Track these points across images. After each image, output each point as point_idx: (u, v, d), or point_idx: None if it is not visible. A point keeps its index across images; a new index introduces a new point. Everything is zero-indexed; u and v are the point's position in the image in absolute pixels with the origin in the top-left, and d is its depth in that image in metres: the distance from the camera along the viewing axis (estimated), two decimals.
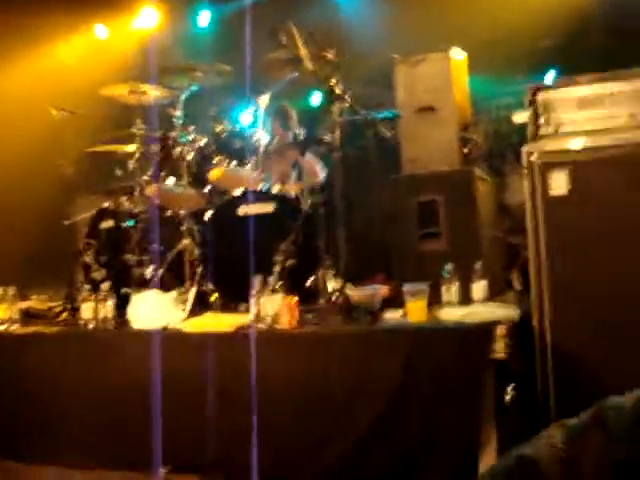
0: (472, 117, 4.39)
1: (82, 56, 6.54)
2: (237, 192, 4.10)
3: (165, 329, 3.60)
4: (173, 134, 4.46)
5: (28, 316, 4.26)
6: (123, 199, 4.46)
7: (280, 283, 3.54)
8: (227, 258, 3.91)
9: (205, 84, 4.71)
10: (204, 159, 4.38)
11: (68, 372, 3.69)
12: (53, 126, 5.09)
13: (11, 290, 3.99)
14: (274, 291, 3.48)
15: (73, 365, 3.69)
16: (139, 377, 3.40)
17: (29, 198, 5.69)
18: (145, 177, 4.40)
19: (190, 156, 4.38)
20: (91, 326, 3.82)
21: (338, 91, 3.88)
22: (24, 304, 4.37)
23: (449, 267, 3.49)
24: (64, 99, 5.23)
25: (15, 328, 3.99)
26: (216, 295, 3.95)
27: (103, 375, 3.60)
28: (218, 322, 3.60)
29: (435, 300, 3.44)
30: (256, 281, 3.52)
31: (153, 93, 4.70)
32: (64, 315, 4.30)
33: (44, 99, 5.43)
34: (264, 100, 4.41)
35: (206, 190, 4.40)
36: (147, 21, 6.57)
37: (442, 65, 4.20)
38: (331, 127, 3.89)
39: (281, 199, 4.11)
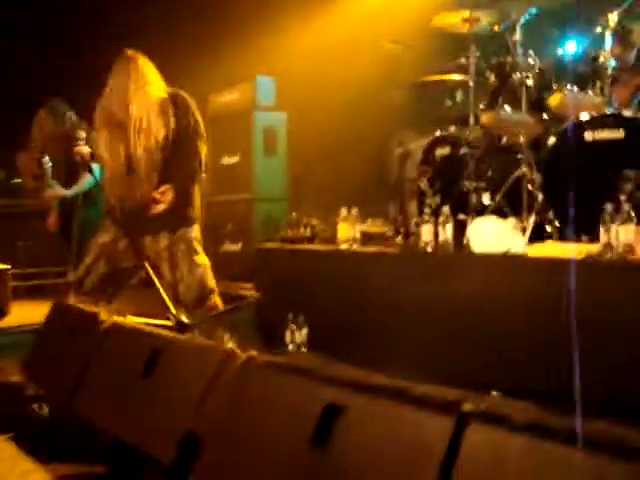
0: None
1: None
2: (583, 117, 3.91)
3: (507, 254, 3.59)
4: (510, 60, 4.36)
5: (365, 238, 4.52)
6: (458, 127, 4.49)
7: (633, 212, 3.33)
8: (569, 187, 3.76)
9: (544, 6, 4.52)
10: (543, 85, 4.23)
11: (406, 290, 3.84)
12: (385, 59, 5.27)
13: (354, 211, 4.24)
14: (626, 220, 3.29)
15: (411, 283, 3.84)
16: (478, 298, 3.44)
17: (364, 128, 5.98)
18: (481, 105, 4.37)
19: (529, 82, 4.25)
20: (430, 248, 3.93)
21: None
22: (360, 227, 4.63)
23: None
24: (396, 32, 5.38)
25: (357, 247, 4.25)
26: (557, 224, 3.84)
27: (441, 295, 3.70)
28: (563, 250, 3.50)
29: None
30: (606, 210, 3.36)
31: (487, 20, 4.62)
32: (398, 239, 4.47)
33: (376, 33, 5.64)
34: (610, 20, 4.11)
35: (545, 117, 4.26)
36: None
37: None
38: None
39: (631, 124, 3.84)
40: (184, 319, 3.25)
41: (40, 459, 2.59)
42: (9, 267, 6.10)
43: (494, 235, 3.71)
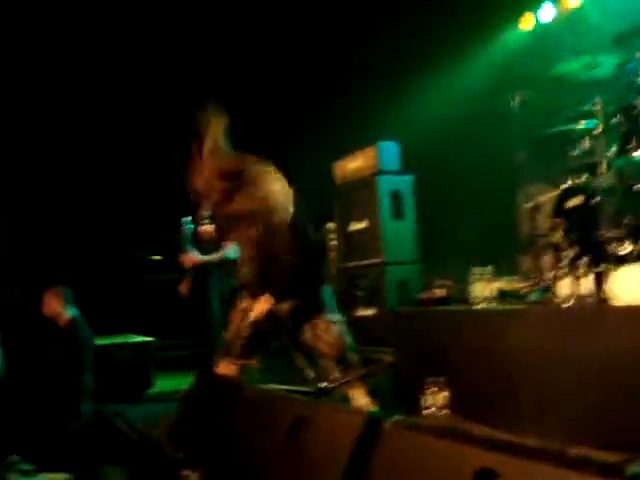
0: None
1: (529, 40, 6.64)
2: None
3: None
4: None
5: (501, 295, 4.41)
6: (589, 176, 4.35)
7: None
8: None
9: None
10: None
11: (546, 347, 3.69)
12: (507, 113, 5.24)
13: (488, 269, 4.17)
14: None
15: (552, 340, 3.69)
16: (626, 353, 3.26)
17: (490, 184, 5.92)
18: (611, 151, 4.23)
19: None
20: (569, 303, 3.79)
21: None
22: (496, 284, 4.54)
23: None
24: (517, 85, 5.36)
25: (494, 305, 4.16)
26: None
27: (585, 351, 3.53)
28: None
29: None
30: None
31: (610, 62, 4.52)
32: (535, 294, 4.34)
33: (497, 88, 5.64)
34: None
35: None
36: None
37: None
38: None
39: None
40: (324, 384, 3.27)
41: None
42: (153, 339, 6.41)
43: (639, 285, 3.53)
